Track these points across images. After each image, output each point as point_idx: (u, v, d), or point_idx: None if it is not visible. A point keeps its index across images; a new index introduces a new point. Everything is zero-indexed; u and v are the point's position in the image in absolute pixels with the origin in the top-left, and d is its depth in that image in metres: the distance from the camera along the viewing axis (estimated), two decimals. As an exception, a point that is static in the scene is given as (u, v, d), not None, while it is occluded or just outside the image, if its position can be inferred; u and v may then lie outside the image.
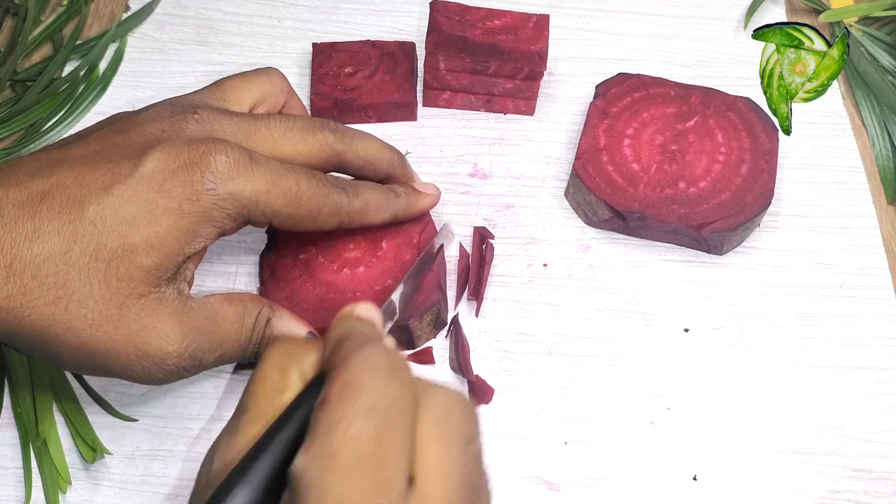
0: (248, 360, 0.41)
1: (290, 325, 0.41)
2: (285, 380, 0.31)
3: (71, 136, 0.39)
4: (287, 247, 0.45)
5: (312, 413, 0.28)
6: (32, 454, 0.41)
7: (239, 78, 0.43)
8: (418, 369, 0.44)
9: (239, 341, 0.39)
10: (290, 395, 0.30)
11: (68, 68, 0.56)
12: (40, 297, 0.34)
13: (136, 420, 0.43)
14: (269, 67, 0.45)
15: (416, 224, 0.46)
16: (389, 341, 0.34)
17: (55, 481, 0.41)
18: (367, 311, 0.34)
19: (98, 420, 0.43)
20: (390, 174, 0.44)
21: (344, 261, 0.45)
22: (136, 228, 0.35)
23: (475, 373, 0.44)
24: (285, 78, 0.45)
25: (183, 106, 0.40)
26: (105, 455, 0.41)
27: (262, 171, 0.38)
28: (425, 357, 0.45)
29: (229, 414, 0.42)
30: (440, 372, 0.45)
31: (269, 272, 0.45)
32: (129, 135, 0.38)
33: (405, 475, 0.28)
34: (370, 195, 0.43)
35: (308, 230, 0.41)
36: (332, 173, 0.43)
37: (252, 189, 0.37)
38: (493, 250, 0.48)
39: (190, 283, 0.39)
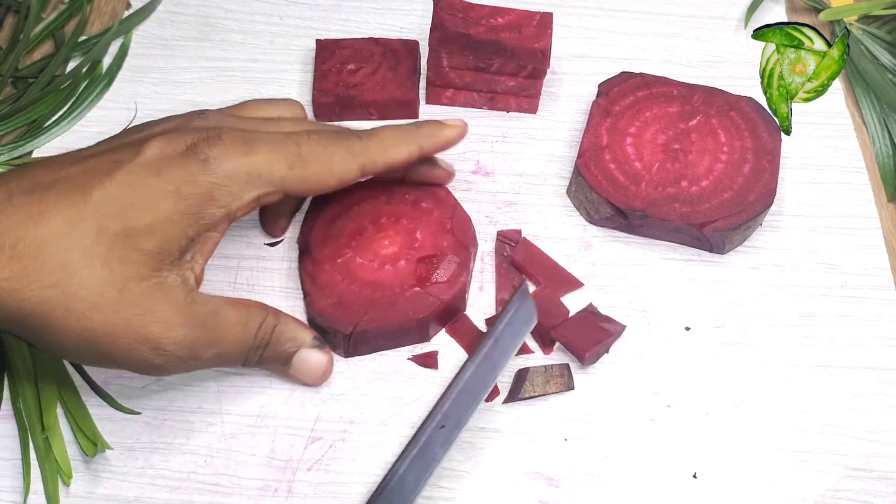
0: (250, 367, 0.41)
1: (297, 332, 0.42)
2: None
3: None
4: (321, 253, 0.45)
5: None
6: (31, 446, 0.41)
7: (262, 100, 0.45)
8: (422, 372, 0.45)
9: (240, 345, 0.39)
10: None
11: (70, 66, 0.56)
12: (39, 279, 0.34)
13: (138, 413, 0.43)
14: (290, 98, 0.46)
15: (444, 210, 0.47)
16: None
17: (55, 474, 0.41)
18: None
19: (98, 412, 0.43)
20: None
21: (383, 258, 0.45)
22: (137, 212, 0.36)
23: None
24: (304, 109, 0.46)
25: (195, 111, 0.41)
26: (106, 449, 0.41)
27: (259, 144, 0.39)
28: (429, 361, 0.45)
29: (229, 407, 0.43)
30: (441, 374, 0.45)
31: (311, 281, 0.44)
32: (139, 133, 0.39)
33: None
34: (385, 132, 0.43)
35: (331, 186, 0.41)
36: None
37: (249, 163, 0.38)
38: None
39: (198, 278, 0.39)
